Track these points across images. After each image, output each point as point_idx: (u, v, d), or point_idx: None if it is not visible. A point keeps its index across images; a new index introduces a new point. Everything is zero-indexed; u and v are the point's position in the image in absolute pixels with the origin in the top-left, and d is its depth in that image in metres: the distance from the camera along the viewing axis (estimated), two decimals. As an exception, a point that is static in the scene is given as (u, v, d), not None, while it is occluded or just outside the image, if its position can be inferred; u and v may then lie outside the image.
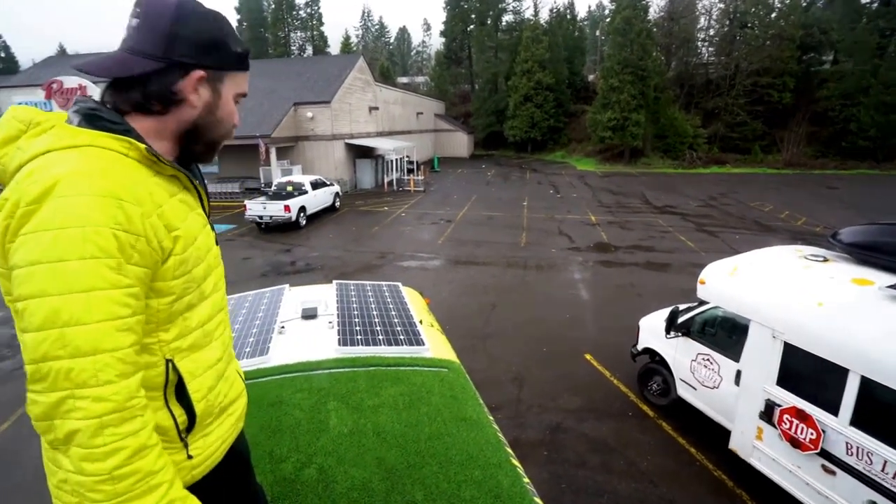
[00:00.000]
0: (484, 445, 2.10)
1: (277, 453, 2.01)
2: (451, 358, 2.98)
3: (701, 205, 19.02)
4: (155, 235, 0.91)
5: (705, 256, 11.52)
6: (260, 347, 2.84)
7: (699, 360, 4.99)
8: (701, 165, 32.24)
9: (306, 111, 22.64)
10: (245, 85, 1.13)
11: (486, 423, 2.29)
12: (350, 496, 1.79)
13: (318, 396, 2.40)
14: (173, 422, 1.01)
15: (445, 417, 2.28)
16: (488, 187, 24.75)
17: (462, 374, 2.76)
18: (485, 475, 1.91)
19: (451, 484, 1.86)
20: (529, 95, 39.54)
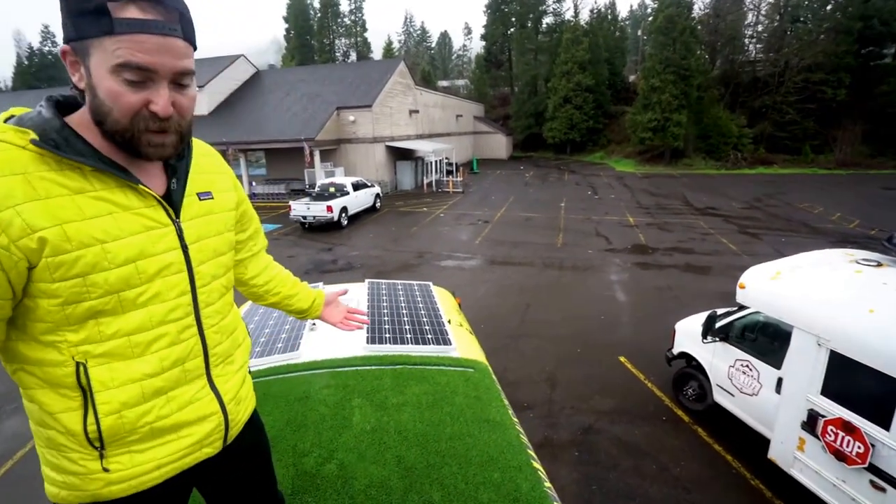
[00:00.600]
0: (505, 448, 2.09)
1: (300, 447, 2.06)
2: (478, 358, 2.98)
3: (745, 206, 18.23)
4: (3, 233, 0.83)
5: (748, 259, 11.09)
6: (291, 343, 2.95)
7: (738, 366, 4.88)
8: (746, 166, 30.83)
9: (349, 115, 23.33)
10: (126, 53, 0.84)
11: (508, 424, 2.27)
12: (368, 493, 1.81)
13: (344, 393, 2.44)
14: (83, 427, 0.96)
15: (468, 418, 2.28)
16: (526, 188, 24.63)
17: (488, 375, 2.74)
18: (504, 478, 1.90)
19: (470, 486, 1.85)
20: (569, 97, 39.07)
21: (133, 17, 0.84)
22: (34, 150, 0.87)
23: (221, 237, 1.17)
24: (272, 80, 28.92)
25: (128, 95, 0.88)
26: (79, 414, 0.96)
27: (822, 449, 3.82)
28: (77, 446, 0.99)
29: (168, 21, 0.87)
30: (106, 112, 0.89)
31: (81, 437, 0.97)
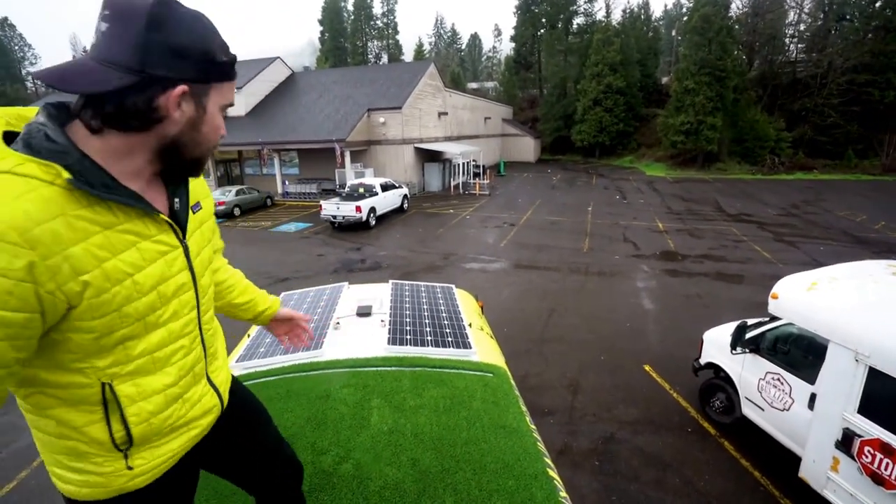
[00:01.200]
0: (521, 455, 2.06)
1: (319, 445, 2.09)
2: (497, 363, 2.96)
3: (781, 213, 17.54)
4: (51, 280, 0.83)
5: (783, 269, 10.68)
6: (315, 342, 3.00)
7: (768, 379, 4.72)
8: (783, 171, 29.64)
9: (379, 116, 23.66)
10: (231, 95, 1.04)
11: (525, 431, 2.24)
12: (382, 495, 1.82)
13: (364, 393, 2.46)
14: (109, 436, 1.02)
15: (484, 423, 2.26)
16: (553, 192, 24.40)
17: (507, 380, 2.70)
18: (518, 486, 1.87)
19: (483, 492, 1.83)
20: (599, 99, 38.48)
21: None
22: (63, 186, 0.84)
23: (209, 245, 1.25)
24: (306, 81, 29.63)
25: (223, 126, 1.06)
26: (103, 424, 1.01)
27: (857, 470, 3.67)
28: (103, 452, 1.03)
29: None
30: (200, 142, 1.01)
31: (108, 445, 1.02)
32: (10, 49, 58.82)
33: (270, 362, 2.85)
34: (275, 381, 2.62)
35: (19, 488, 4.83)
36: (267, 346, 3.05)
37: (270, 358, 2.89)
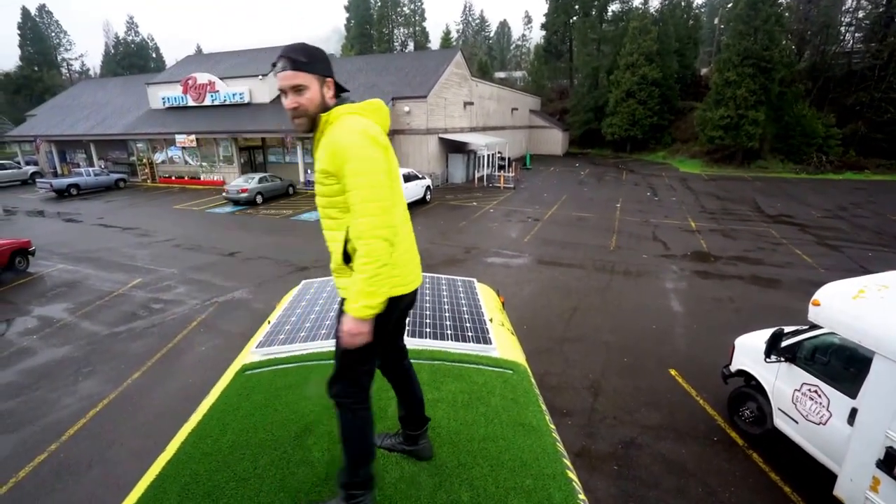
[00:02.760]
0: (540, 454, 2.02)
1: (336, 435, 2.01)
2: (517, 360, 2.91)
3: (826, 215, 16.59)
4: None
5: (825, 275, 10.09)
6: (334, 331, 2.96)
7: (804, 390, 4.43)
8: (831, 171, 27.92)
9: (403, 105, 23.53)
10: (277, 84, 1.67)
11: (545, 430, 2.21)
12: (398, 487, 1.82)
13: (382, 383, 2.40)
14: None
15: (503, 420, 2.23)
16: (580, 187, 23.85)
17: (527, 378, 2.68)
18: (536, 485, 1.83)
19: (500, 489, 1.81)
20: (632, 91, 37.20)
21: None
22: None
23: (318, 184, 1.72)
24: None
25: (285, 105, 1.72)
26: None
27: (901, 493, 3.39)
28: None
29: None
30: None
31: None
32: (47, 36, 60.96)
33: (290, 349, 2.86)
34: (294, 368, 2.64)
35: (49, 460, 5.02)
36: (287, 334, 3.05)
37: (290, 345, 2.89)
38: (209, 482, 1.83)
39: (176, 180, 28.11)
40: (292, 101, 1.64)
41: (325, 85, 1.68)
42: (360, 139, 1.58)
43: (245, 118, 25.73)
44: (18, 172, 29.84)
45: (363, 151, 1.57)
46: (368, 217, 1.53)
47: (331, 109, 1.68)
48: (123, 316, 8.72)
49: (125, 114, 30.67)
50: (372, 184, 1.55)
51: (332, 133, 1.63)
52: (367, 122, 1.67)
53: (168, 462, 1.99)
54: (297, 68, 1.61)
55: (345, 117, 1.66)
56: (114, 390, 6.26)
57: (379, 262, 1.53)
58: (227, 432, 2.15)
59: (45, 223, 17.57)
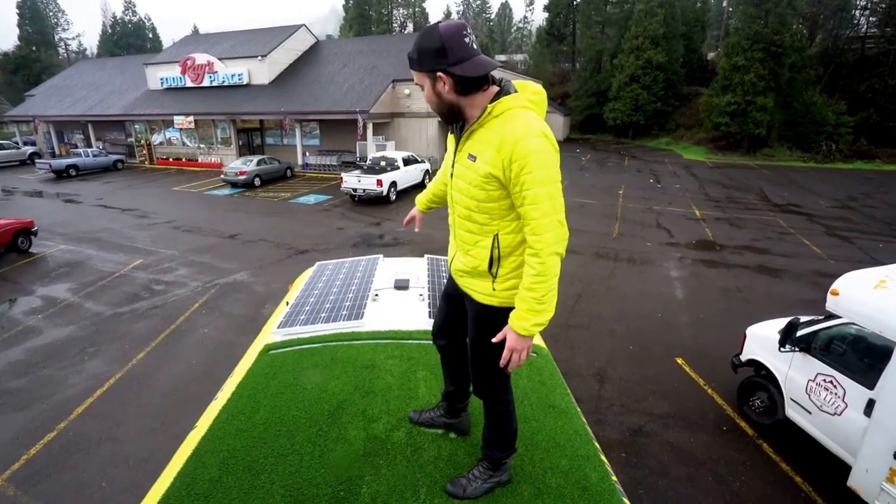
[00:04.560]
0: (572, 435, 2.05)
1: (370, 413, 2.11)
2: (539, 343, 2.93)
3: (835, 205, 16.43)
4: None
5: (834, 265, 10.01)
6: (355, 312, 2.97)
7: (819, 380, 4.37)
8: (840, 159, 27.46)
9: (404, 88, 23.15)
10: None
11: (574, 412, 2.24)
12: (437, 465, 1.83)
13: (409, 365, 2.48)
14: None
15: (532, 402, 2.26)
16: (582, 173, 23.62)
17: (550, 361, 2.71)
18: (571, 465, 1.86)
19: (537, 469, 1.84)
20: (636, 75, 36.57)
21: None
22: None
23: (470, 186, 1.57)
24: (330, 50, 29.14)
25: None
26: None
27: (918, 486, 3.34)
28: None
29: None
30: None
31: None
32: (45, 15, 59.88)
33: (312, 330, 2.85)
34: (319, 348, 2.65)
35: (59, 438, 5.02)
36: (307, 314, 3.04)
37: (312, 325, 2.88)
38: (247, 457, 1.84)
39: (174, 162, 27.82)
40: (425, 94, 1.55)
41: (440, 80, 1.45)
42: (542, 144, 1.41)
43: (243, 100, 25.34)
44: (16, 153, 29.49)
45: (547, 160, 1.42)
46: (550, 233, 1.43)
47: (496, 102, 1.46)
48: (126, 297, 8.64)
49: (123, 94, 30.20)
50: (553, 196, 1.43)
51: (504, 131, 1.43)
52: (540, 119, 1.49)
53: (203, 438, 1.99)
54: (412, 67, 1.52)
55: (517, 112, 1.46)
56: (119, 370, 6.23)
57: (553, 278, 1.46)
58: (260, 410, 2.14)
59: (45, 204, 17.40)
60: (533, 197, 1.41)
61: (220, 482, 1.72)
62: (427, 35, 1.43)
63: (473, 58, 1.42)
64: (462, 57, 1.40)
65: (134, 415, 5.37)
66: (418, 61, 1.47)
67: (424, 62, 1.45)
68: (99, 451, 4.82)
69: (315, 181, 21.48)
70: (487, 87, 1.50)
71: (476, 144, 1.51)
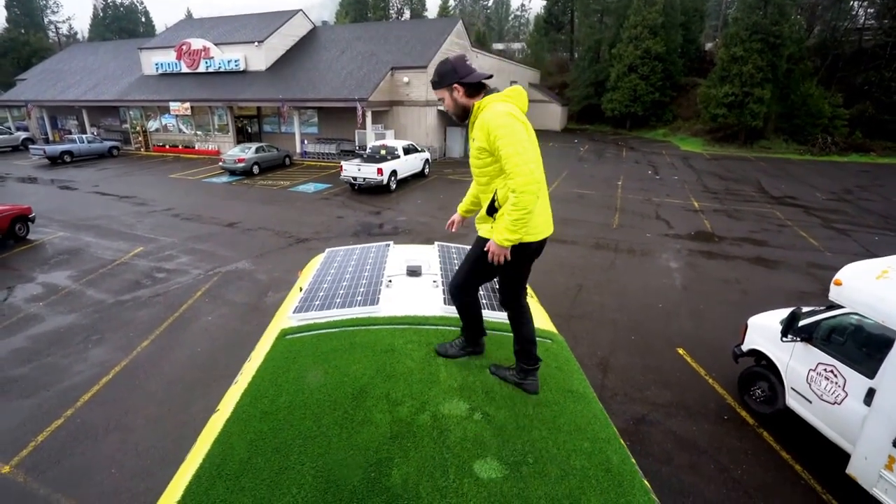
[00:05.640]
0: (591, 419, 2.09)
1: (393, 396, 2.11)
2: (553, 330, 2.98)
3: (831, 198, 16.57)
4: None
5: (831, 258, 10.13)
6: (371, 297, 2.99)
7: (819, 370, 4.45)
8: (836, 152, 27.64)
9: (403, 76, 22.93)
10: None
11: (591, 397, 2.29)
12: (463, 446, 1.84)
13: (427, 350, 2.49)
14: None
15: (552, 387, 2.30)
16: (580, 163, 23.62)
17: (565, 347, 2.75)
18: (593, 448, 1.90)
19: (561, 451, 1.86)
20: (635, 65, 36.40)
21: None
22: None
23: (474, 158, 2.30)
24: (328, 37, 28.75)
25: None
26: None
27: (916, 472, 3.44)
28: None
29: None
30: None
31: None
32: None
33: (328, 315, 2.85)
34: (337, 332, 2.65)
35: (66, 425, 5.04)
36: (322, 300, 3.05)
37: (327, 311, 2.89)
38: (275, 439, 1.86)
39: (170, 149, 27.52)
40: (445, 105, 2.30)
41: (455, 90, 2.21)
42: (506, 121, 2.04)
43: (240, 86, 25.02)
44: (10, 138, 29.06)
45: (510, 130, 2.02)
46: (521, 176, 1.98)
47: (482, 99, 2.18)
48: (128, 284, 8.61)
49: (117, 80, 29.72)
50: (518, 151, 2.00)
51: (483, 117, 2.11)
52: (509, 105, 2.11)
53: (229, 420, 2.00)
54: (434, 87, 2.29)
55: (492, 104, 2.12)
56: (124, 358, 6.23)
57: (525, 210, 2.00)
58: (282, 393, 2.15)
59: (40, 190, 17.20)
60: (505, 154, 2.02)
61: (249, 463, 1.74)
62: (443, 64, 2.23)
63: (474, 72, 2.20)
64: (467, 72, 2.18)
65: (140, 402, 5.38)
66: (440, 81, 2.23)
67: (445, 80, 2.22)
68: (107, 438, 4.84)
69: (314, 169, 21.35)
70: (483, 93, 2.21)
71: (474, 131, 2.17)
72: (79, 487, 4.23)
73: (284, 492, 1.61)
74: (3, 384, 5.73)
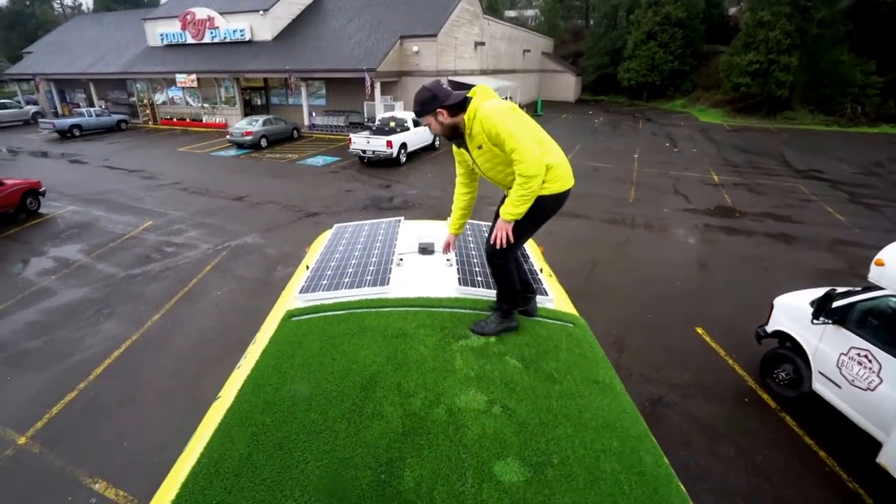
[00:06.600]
0: (620, 413, 1.92)
1: (405, 387, 1.96)
2: (574, 312, 2.80)
3: (860, 171, 15.87)
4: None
5: (859, 234, 9.72)
6: (381, 277, 2.83)
7: (852, 354, 4.23)
8: (865, 123, 26.27)
9: (412, 45, 22.21)
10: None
11: (618, 388, 2.12)
12: (482, 444, 1.68)
13: (442, 335, 2.32)
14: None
15: (576, 377, 2.11)
16: (595, 136, 22.95)
17: (588, 332, 2.57)
18: (624, 447, 1.73)
19: (589, 451, 1.69)
20: (653, 32, 34.90)
21: None
22: None
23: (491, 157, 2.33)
24: (335, 4, 27.78)
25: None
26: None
27: (955, 463, 3.25)
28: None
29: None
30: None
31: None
32: (40, -32, 57.27)
33: (336, 295, 2.70)
34: (345, 315, 2.49)
35: (79, 398, 5.06)
36: (329, 279, 2.89)
37: (335, 291, 2.73)
38: (278, 433, 1.72)
39: (178, 122, 27.30)
40: (432, 129, 2.38)
41: (439, 114, 2.28)
42: (499, 116, 2.15)
43: (246, 57, 24.48)
44: (20, 112, 29.03)
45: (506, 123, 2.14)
46: (524, 163, 2.11)
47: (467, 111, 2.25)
48: (138, 258, 8.58)
49: (123, 51, 29.28)
50: (518, 140, 2.12)
51: (483, 124, 2.20)
52: (490, 101, 2.22)
53: (229, 411, 1.87)
54: (418, 115, 2.36)
55: (481, 109, 2.20)
56: (135, 332, 6.23)
57: (528, 191, 2.15)
58: (287, 381, 2.01)
59: (51, 164, 17.21)
60: (509, 145, 2.14)
61: (250, 459, 1.61)
62: (420, 93, 2.28)
63: (452, 94, 2.26)
64: (446, 95, 2.25)
65: (152, 376, 5.38)
66: (422, 110, 2.29)
67: (427, 108, 2.27)
68: (120, 411, 4.86)
69: (322, 142, 21.03)
70: (465, 108, 2.27)
71: (476, 139, 2.28)
72: (92, 460, 4.26)
73: (286, 494, 1.48)
74: (18, 357, 5.78)
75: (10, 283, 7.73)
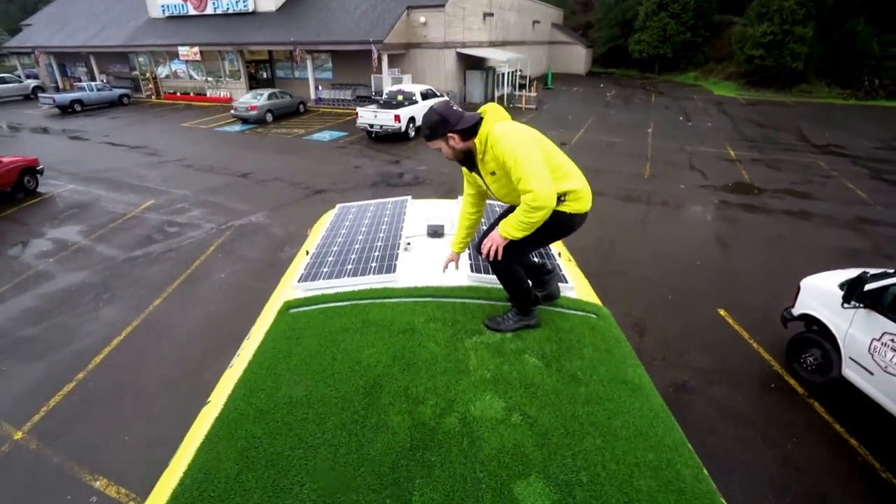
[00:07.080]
0: (653, 419, 1.71)
1: (413, 392, 1.76)
2: (597, 302, 2.57)
3: (881, 146, 15.31)
4: None
5: (882, 212, 9.37)
6: (386, 264, 2.61)
7: (885, 340, 4.01)
8: (884, 96, 25.45)
9: (419, 15, 21.43)
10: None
11: (649, 388, 1.91)
12: (501, 460, 1.48)
13: (454, 330, 2.12)
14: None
15: (603, 377, 1.90)
16: (607, 109, 22.29)
17: (613, 324, 2.35)
18: (660, 460, 1.52)
19: (621, 466, 1.49)
20: (665, 2, 33.65)
21: None
22: None
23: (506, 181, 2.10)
24: (340, -27, 26.81)
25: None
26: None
27: None
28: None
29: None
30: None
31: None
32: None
33: (337, 284, 2.49)
34: (347, 307, 2.28)
35: (78, 388, 4.90)
36: (331, 266, 2.67)
37: (337, 280, 2.52)
38: (271, 448, 1.52)
39: (181, 96, 26.80)
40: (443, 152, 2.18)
41: (451, 139, 2.09)
42: (508, 143, 1.97)
43: (250, 29, 23.77)
44: (20, 87, 28.57)
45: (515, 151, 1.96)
46: (529, 193, 1.93)
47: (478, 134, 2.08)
48: (139, 239, 8.40)
49: (124, 23, 28.49)
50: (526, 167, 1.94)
51: (495, 150, 2.02)
52: (501, 124, 2.05)
53: (218, 419, 1.67)
54: (428, 139, 2.16)
55: (492, 134, 2.03)
56: (136, 317, 6.06)
57: (532, 223, 1.97)
58: (282, 385, 1.80)
59: (51, 140, 16.93)
60: (515, 174, 1.96)
61: (238, 480, 1.41)
62: (429, 116, 2.09)
63: (463, 116, 2.08)
64: (458, 118, 2.06)
65: (154, 365, 5.22)
66: (432, 134, 2.10)
67: (437, 133, 2.08)
68: (121, 403, 4.68)
69: (329, 116, 20.56)
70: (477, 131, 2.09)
71: (489, 164, 2.11)
72: (92, 455, 4.08)
73: None
74: (14, 345, 5.59)
75: (7, 267, 7.54)
